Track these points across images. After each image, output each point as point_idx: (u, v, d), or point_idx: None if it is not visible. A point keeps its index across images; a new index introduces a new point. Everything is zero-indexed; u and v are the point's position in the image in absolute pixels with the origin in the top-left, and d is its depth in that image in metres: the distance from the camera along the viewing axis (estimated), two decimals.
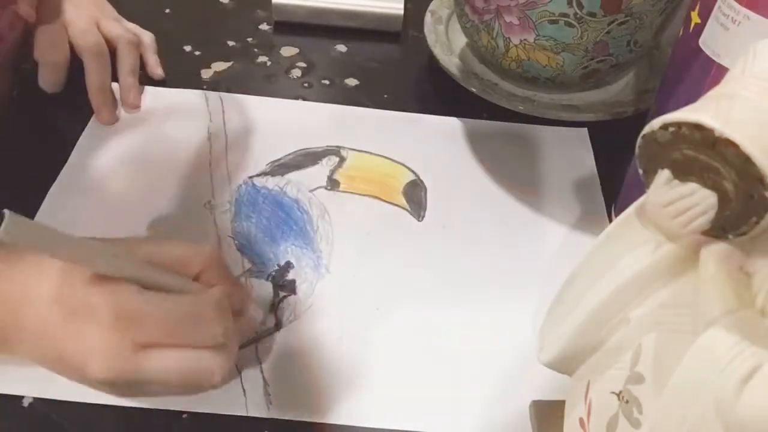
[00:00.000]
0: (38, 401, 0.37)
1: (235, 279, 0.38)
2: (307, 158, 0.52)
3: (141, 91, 0.56)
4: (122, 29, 0.57)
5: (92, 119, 0.54)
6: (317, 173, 0.51)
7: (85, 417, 0.37)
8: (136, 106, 0.55)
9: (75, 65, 0.55)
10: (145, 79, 0.58)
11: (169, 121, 0.55)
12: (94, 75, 0.53)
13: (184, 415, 0.37)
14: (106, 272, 0.31)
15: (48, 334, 0.31)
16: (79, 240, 0.30)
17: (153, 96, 0.56)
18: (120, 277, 0.31)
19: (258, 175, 0.51)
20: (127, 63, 0.55)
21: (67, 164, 0.50)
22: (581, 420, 0.31)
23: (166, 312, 0.31)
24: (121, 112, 0.55)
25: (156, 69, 0.58)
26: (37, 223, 0.28)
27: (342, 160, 0.52)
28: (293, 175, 0.51)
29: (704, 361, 0.23)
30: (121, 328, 0.30)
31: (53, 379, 0.38)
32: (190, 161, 0.51)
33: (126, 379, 0.31)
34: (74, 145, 0.52)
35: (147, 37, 0.60)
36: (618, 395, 0.29)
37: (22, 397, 0.37)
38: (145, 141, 0.53)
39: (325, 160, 0.52)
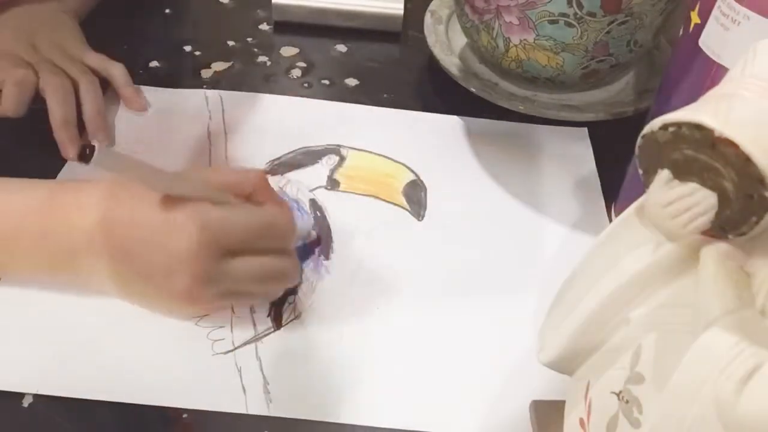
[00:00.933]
0: (38, 401, 0.37)
1: (280, 198, 0.40)
2: (307, 157, 0.52)
3: (106, 127, 0.52)
4: (79, 70, 0.52)
5: None
6: (317, 172, 0.51)
7: (85, 417, 0.37)
8: (107, 142, 0.52)
9: None
10: (145, 79, 0.58)
11: (169, 121, 0.55)
12: (55, 111, 0.49)
13: (184, 415, 0.37)
14: (180, 194, 0.35)
15: (119, 253, 0.35)
16: (156, 169, 0.34)
17: (153, 96, 0.56)
18: (191, 197, 0.35)
19: None
20: (88, 107, 0.51)
21: (68, 163, 0.50)
22: (581, 420, 0.31)
23: (246, 221, 0.36)
24: (124, 112, 0.55)
25: (134, 102, 0.54)
26: (122, 154, 0.33)
27: (342, 159, 0.52)
28: (293, 174, 0.51)
29: (704, 361, 0.23)
30: (208, 238, 0.34)
31: (53, 375, 0.38)
32: (190, 160, 0.51)
33: (215, 281, 0.35)
34: None
35: (116, 70, 0.54)
36: (618, 395, 0.29)
37: (22, 397, 0.37)
38: (146, 140, 0.53)
39: (325, 159, 0.52)
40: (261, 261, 0.37)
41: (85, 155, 0.30)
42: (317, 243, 0.46)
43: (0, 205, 0.38)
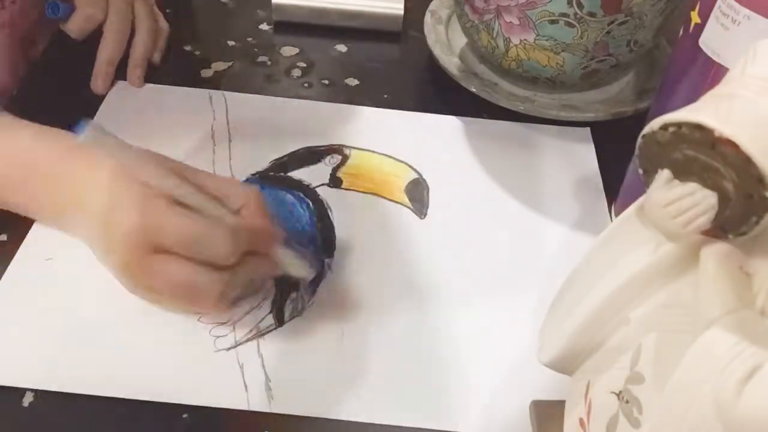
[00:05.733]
0: (38, 400, 0.37)
1: (270, 225, 0.40)
2: (310, 156, 0.52)
3: (145, 68, 0.58)
4: (145, 13, 0.59)
5: (96, 116, 0.54)
6: (320, 171, 0.51)
7: (85, 416, 0.37)
8: (138, 84, 0.57)
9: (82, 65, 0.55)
10: (146, 78, 0.58)
11: (172, 119, 0.55)
12: (105, 48, 0.56)
13: (185, 415, 0.38)
14: (151, 184, 0.36)
15: (94, 215, 0.37)
16: (141, 153, 0.36)
17: (157, 94, 0.57)
18: (161, 191, 0.36)
19: (261, 173, 0.51)
20: (141, 46, 0.58)
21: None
22: (581, 420, 0.31)
23: (184, 225, 0.36)
24: (128, 110, 0.55)
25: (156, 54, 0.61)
26: (109, 134, 0.34)
27: (345, 158, 0.52)
28: (296, 173, 0.51)
29: (704, 361, 0.23)
30: (143, 231, 0.35)
31: (53, 371, 0.38)
32: (193, 159, 0.51)
33: (133, 273, 0.36)
34: None
35: (164, 25, 0.63)
36: (618, 395, 0.29)
37: (23, 396, 0.38)
38: (149, 138, 0.52)
39: (327, 158, 0.52)
40: (181, 263, 0.36)
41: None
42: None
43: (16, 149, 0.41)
